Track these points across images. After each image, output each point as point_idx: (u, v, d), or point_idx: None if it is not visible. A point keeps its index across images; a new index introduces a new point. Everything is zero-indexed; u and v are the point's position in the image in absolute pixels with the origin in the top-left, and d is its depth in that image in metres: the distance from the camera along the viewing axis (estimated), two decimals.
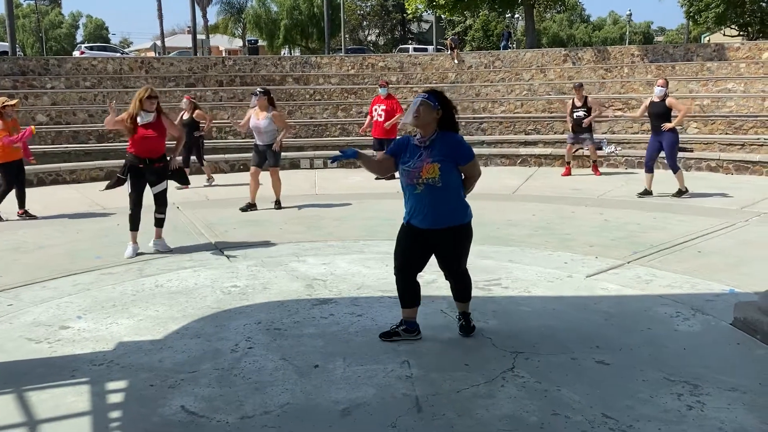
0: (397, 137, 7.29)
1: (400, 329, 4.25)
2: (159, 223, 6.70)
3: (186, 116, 11.12)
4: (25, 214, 8.49)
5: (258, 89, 9.13)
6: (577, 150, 12.13)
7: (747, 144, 12.73)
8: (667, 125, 9.10)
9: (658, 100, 9.25)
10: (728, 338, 4.27)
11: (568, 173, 11.89)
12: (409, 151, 4.02)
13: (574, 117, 11.75)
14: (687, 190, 9.37)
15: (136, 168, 6.47)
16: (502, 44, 26.69)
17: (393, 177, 11.66)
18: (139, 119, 6.38)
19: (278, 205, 8.96)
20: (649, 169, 9.47)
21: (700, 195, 9.55)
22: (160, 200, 6.63)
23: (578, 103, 11.74)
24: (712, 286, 5.32)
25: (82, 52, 33.17)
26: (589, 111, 11.63)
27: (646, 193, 9.47)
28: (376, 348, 4.13)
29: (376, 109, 11.85)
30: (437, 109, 3.94)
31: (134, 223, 6.56)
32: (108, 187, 6.77)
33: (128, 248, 6.53)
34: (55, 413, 3.39)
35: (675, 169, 9.34)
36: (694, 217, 7.93)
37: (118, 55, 24.15)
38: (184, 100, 11.53)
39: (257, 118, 8.73)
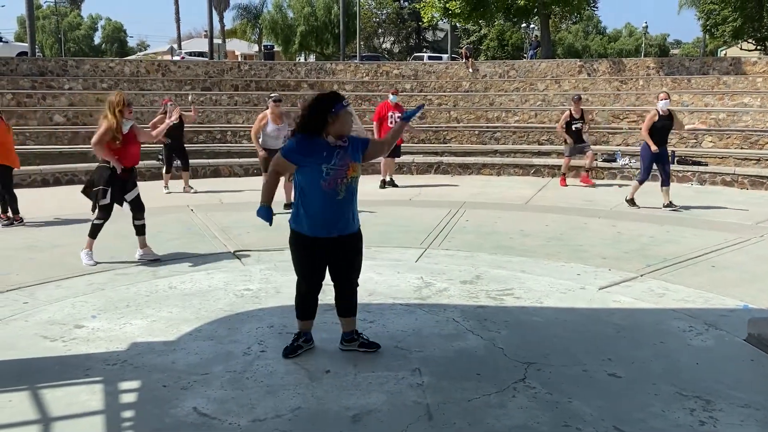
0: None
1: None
2: (141, 230, 6.48)
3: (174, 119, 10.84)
4: (17, 220, 8.33)
5: (275, 95, 9.33)
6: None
7: (762, 159, 12.65)
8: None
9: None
10: (742, 354, 4.25)
11: (564, 184, 12.01)
12: (317, 150, 3.74)
13: (573, 129, 11.94)
14: (632, 202, 9.63)
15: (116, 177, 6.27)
16: (530, 53, 27.01)
17: (394, 185, 11.78)
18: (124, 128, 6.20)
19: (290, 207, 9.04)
20: (663, 182, 9.53)
21: (714, 209, 9.52)
22: (139, 205, 6.49)
23: (576, 116, 11.94)
24: (726, 301, 5.29)
25: (183, 57, 33.62)
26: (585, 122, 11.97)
27: (671, 204, 9.49)
28: (387, 355, 4.14)
29: (392, 116, 11.72)
30: None
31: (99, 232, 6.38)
32: (92, 198, 6.33)
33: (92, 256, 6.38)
34: (69, 411, 3.43)
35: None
36: (708, 232, 7.89)
37: (210, 60, 25.51)
38: (168, 104, 11.04)
39: (274, 124, 9.09)
